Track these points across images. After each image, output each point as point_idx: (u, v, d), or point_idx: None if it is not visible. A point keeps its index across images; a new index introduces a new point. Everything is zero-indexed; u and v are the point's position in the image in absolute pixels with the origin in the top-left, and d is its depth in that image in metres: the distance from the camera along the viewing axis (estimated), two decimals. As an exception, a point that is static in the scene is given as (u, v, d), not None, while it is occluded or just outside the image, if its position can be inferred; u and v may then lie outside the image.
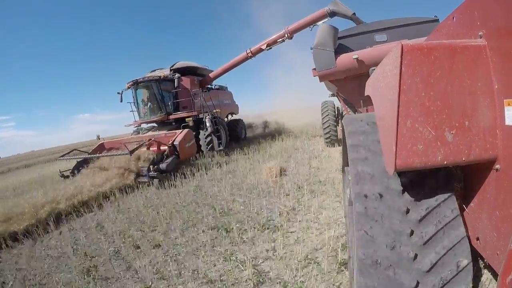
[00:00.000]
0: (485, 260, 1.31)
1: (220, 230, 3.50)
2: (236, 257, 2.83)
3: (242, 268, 2.64)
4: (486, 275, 1.66)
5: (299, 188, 4.67)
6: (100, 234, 4.12)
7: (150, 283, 2.68)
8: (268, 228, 3.40)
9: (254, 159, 7.72)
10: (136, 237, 3.74)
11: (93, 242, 3.92)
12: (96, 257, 3.46)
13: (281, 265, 2.59)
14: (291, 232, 3.25)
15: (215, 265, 2.81)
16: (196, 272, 2.73)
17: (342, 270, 2.37)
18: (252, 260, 2.72)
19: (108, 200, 5.79)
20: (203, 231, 3.57)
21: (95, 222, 4.64)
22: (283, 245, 2.94)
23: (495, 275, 1.39)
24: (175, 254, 3.16)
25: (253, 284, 2.38)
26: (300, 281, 2.30)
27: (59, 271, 3.28)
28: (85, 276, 3.00)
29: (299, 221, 3.47)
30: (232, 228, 3.40)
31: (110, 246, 3.67)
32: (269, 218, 3.68)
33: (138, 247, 3.47)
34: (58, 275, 3.16)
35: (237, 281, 2.48)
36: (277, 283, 2.37)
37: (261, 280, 2.42)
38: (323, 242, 2.85)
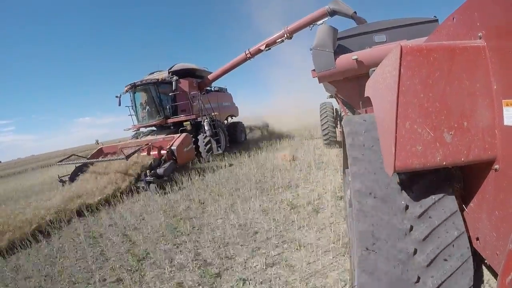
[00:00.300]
0: (486, 261, 1.31)
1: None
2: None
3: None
4: (486, 275, 1.66)
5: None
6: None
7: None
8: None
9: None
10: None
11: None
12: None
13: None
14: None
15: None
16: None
17: (339, 200, 3.94)
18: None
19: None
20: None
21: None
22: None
23: (495, 275, 1.39)
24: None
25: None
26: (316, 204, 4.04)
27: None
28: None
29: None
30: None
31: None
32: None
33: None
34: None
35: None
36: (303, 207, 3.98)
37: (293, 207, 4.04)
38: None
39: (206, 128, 9.49)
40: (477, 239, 1.33)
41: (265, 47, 9.77)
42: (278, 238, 3.21)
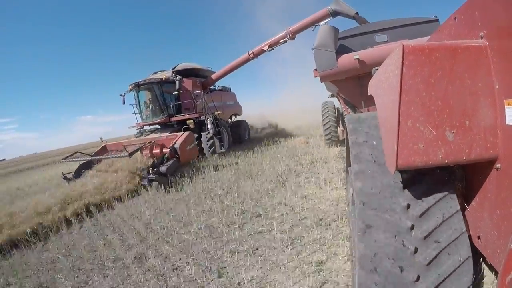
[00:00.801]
0: (486, 259, 1.32)
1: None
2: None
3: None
4: (487, 274, 1.67)
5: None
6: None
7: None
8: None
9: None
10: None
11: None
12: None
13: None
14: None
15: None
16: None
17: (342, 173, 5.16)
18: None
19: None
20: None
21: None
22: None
23: (496, 274, 1.39)
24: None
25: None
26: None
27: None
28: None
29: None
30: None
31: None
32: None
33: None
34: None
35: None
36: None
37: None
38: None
39: (209, 126, 9.53)
40: (478, 237, 1.33)
41: (268, 48, 9.80)
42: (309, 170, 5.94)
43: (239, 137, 12.59)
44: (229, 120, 13.66)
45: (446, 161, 1.18)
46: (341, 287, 2.21)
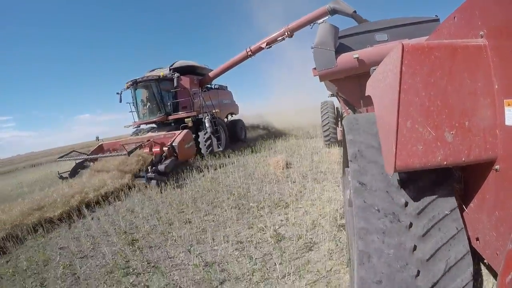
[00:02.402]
0: (485, 261, 1.31)
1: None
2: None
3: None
4: (486, 275, 1.66)
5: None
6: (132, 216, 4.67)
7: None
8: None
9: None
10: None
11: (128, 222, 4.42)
12: (134, 233, 3.93)
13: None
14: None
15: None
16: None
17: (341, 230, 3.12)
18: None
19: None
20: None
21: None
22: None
23: (495, 275, 1.39)
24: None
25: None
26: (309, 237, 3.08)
27: (103, 246, 3.63)
28: (131, 246, 3.49)
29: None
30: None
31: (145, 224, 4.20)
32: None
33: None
34: (104, 248, 3.50)
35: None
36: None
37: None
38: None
39: (207, 125, 9.48)
40: (477, 239, 1.32)
41: (266, 45, 9.78)
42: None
43: (235, 136, 12.57)
44: (226, 119, 13.62)
45: (445, 163, 1.17)
46: None
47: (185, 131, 7.86)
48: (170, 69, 10.46)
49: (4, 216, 4.80)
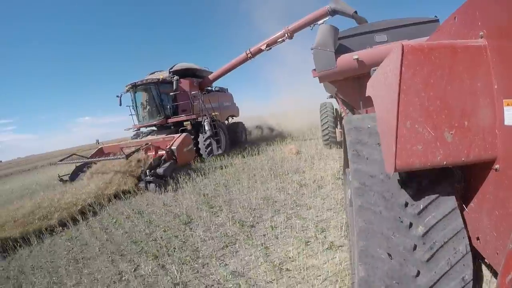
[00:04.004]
0: (486, 260, 1.32)
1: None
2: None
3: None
4: (486, 275, 1.66)
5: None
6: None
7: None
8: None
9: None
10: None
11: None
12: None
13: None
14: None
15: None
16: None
17: (338, 179, 4.97)
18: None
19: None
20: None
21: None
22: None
23: (495, 274, 1.39)
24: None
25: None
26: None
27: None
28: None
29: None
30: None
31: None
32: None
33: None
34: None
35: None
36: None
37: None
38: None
39: (206, 128, 9.45)
40: (477, 238, 1.33)
41: (266, 47, 9.74)
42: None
43: (236, 139, 12.52)
44: (226, 121, 13.59)
45: (445, 163, 1.18)
46: None
47: (184, 134, 7.84)
48: (169, 72, 10.43)
49: None
